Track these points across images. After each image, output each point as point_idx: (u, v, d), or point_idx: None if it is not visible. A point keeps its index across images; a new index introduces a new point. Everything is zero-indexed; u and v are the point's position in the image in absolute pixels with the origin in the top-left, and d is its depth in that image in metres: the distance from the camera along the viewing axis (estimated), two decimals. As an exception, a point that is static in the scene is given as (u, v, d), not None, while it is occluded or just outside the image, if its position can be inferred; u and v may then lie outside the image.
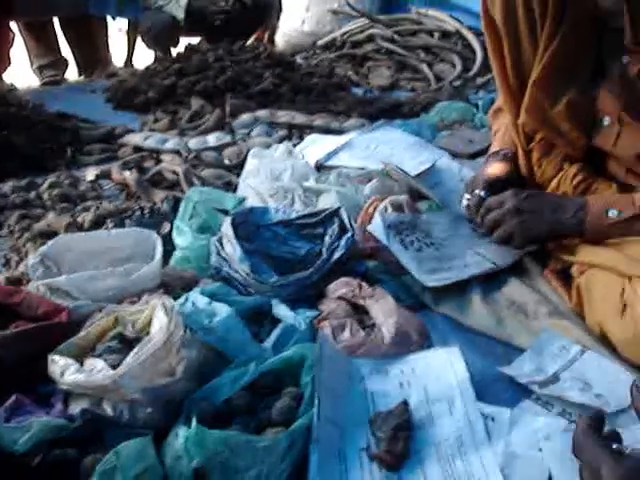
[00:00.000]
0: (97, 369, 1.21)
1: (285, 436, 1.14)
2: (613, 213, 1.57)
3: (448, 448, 1.21)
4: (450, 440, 1.23)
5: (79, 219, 2.01)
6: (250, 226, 1.78)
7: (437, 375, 1.37)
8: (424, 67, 4.23)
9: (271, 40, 5.25)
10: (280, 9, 5.23)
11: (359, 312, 1.60)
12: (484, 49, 3.94)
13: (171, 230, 1.88)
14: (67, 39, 4.73)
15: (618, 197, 1.62)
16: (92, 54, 4.79)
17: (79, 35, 4.70)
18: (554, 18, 1.60)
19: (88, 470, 1.10)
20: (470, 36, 4.37)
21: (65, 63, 4.73)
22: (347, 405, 1.29)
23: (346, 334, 1.48)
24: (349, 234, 1.71)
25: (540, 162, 1.79)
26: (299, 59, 4.55)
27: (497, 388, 1.38)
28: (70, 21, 4.61)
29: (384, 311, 1.54)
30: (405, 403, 1.27)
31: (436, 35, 4.53)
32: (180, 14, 4.64)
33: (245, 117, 3.13)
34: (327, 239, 1.72)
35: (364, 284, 1.63)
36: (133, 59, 5.09)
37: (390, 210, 1.89)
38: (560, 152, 1.75)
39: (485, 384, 1.37)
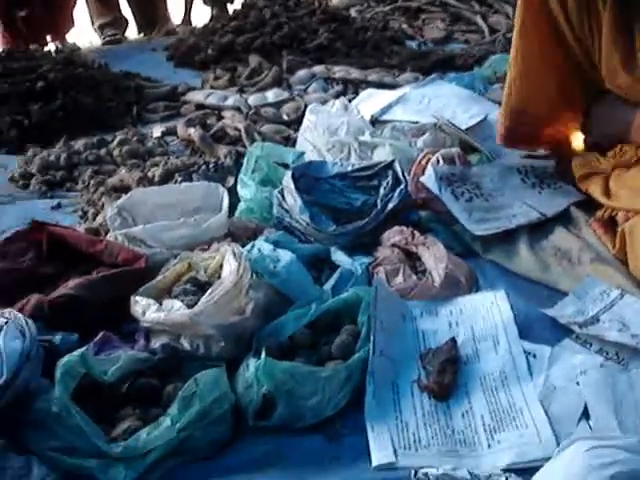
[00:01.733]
0: (175, 308, 1.35)
1: (344, 368, 1.27)
2: None
3: (492, 381, 1.32)
4: (494, 374, 1.34)
5: (149, 174, 2.13)
6: (309, 179, 1.88)
7: (483, 315, 1.48)
8: (478, 19, 4.20)
9: (326, -7, 5.24)
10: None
11: (412, 258, 1.70)
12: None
13: (235, 183, 1.98)
14: (126, -2, 4.83)
15: None
16: (151, 12, 4.86)
17: (138, -7, 4.79)
18: None
19: (170, 396, 1.24)
20: (525, -14, 4.32)
21: (125, 22, 4.81)
22: (400, 342, 1.41)
23: (399, 278, 1.59)
24: (402, 186, 1.79)
25: None
26: (353, 12, 4.54)
27: (540, 328, 1.46)
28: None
29: (435, 257, 1.64)
30: (453, 340, 1.38)
31: (491, -14, 4.49)
32: None
33: (302, 73, 3.21)
34: (382, 190, 1.81)
35: (416, 232, 1.72)
36: (191, 16, 5.15)
37: (442, 162, 1.94)
38: None
39: (528, 324, 1.46)
